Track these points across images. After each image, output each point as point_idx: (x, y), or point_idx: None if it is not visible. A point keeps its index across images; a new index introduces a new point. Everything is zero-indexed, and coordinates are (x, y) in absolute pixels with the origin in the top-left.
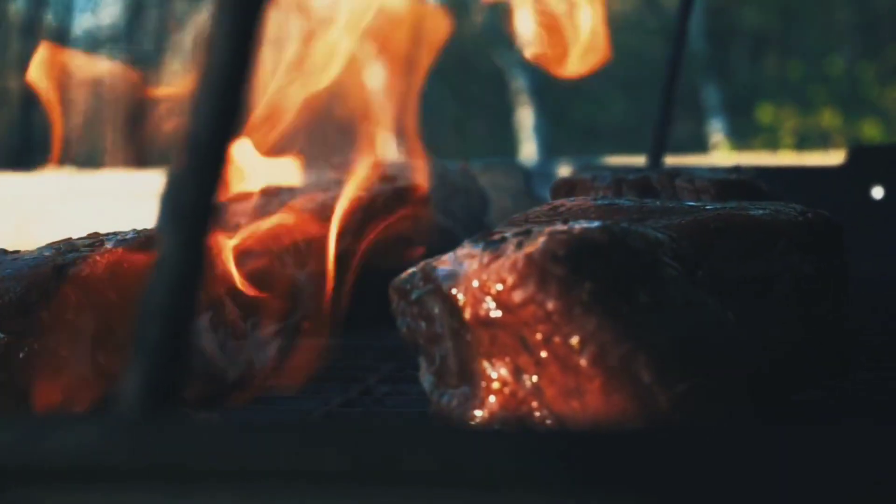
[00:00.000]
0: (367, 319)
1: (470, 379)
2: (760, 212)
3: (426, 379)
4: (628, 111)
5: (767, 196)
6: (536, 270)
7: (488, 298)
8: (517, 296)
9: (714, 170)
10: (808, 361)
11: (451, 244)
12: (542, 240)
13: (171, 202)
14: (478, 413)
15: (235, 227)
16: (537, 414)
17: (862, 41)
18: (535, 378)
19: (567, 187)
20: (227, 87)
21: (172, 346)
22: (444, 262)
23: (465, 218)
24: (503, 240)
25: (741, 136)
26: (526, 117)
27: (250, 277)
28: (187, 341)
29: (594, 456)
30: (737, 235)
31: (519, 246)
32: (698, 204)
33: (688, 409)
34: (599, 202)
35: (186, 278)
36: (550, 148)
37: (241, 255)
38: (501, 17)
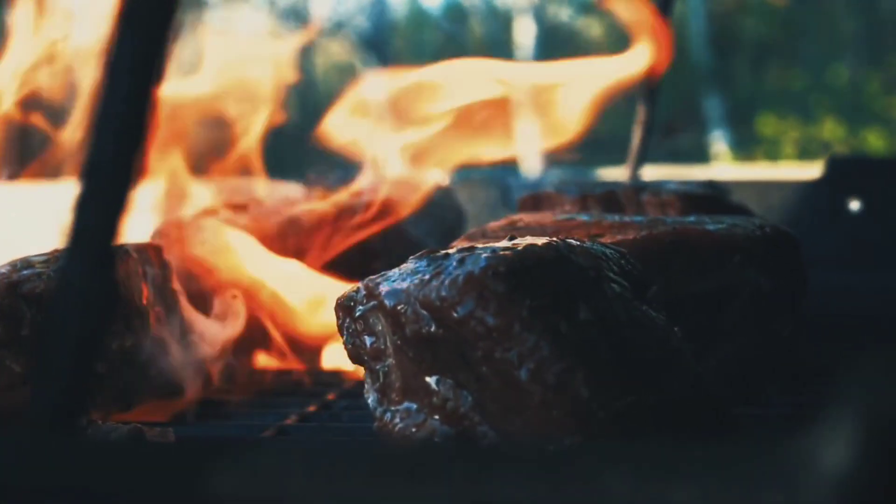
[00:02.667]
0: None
1: (412, 395)
2: (717, 226)
3: (370, 395)
4: (630, 121)
5: (733, 209)
6: (476, 287)
7: (429, 315)
8: (457, 312)
9: (685, 183)
10: (762, 377)
11: None
12: (483, 257)
13: (75, 223)
14: (420, 429)
15: (203, 243)
16: (479, 430)
17: (866, 50)
18: (476, 394)
19: (533, 201)
20: (130, 108)
21: (77, 365)
22: (388, 279)
23: (439, 232)
24: (446, 256)
25: (743, 147)
26: (526, 127)
27: (212, 292)
28: (93, 360)
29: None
30: (693, 250)
31: (461, 263)
32: (657, 218)
33: (627, 424)
34: (558, 217)
35: (90, 298)
36: (551, 159)
37: (205, 270)
38: (502, 27)
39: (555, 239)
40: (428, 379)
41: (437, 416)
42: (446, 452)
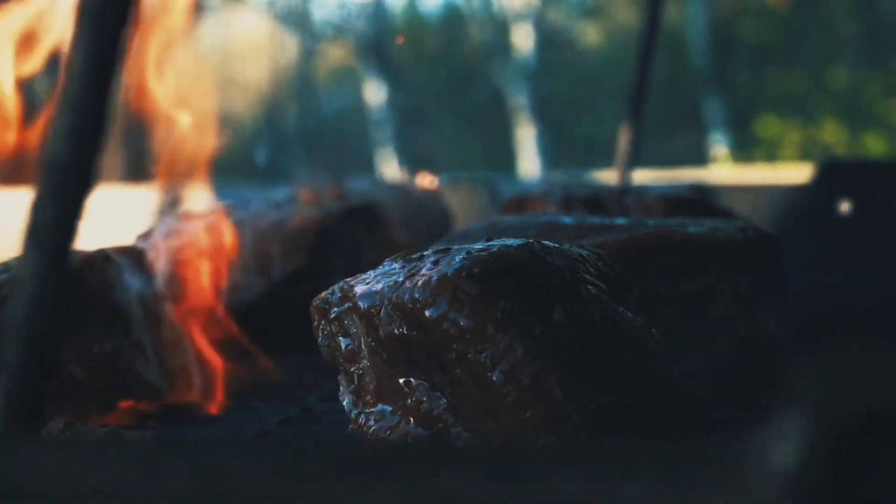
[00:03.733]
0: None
1: (387, 397)
2: (698, 229)
3: (346, 397)
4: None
5: (719, 213)
6: (449, 289)
7: (402, 317)
8: (430, 314)
9: (672, 187)
10: (743, 378)
11: None
12: (458, 258)
13: (31, 223)
14: (394, 431)
15: (184, 245)
16: (453, 431)
17: (866, 53)
18: (450, 396)
19: (517, 204)
20: (87, 107)
21: (32, 366)
22: (363, 281)
23: (427, 235)
24: (421, 258)
25: (743, 149)
26: (525, 132)
27: (192, 295)
28: (49, 361)
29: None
30: (673, 252)
31: (435, 264)
32: (638, 221)
33: (602, 426)
34: (540, 219)
35: (46, 299)
36: (550, 162)
37: (184, 272)
38: (499, 34)
39: (530, 240)
40: (402, 381)
41: (411, 418)
42: (397, 453)
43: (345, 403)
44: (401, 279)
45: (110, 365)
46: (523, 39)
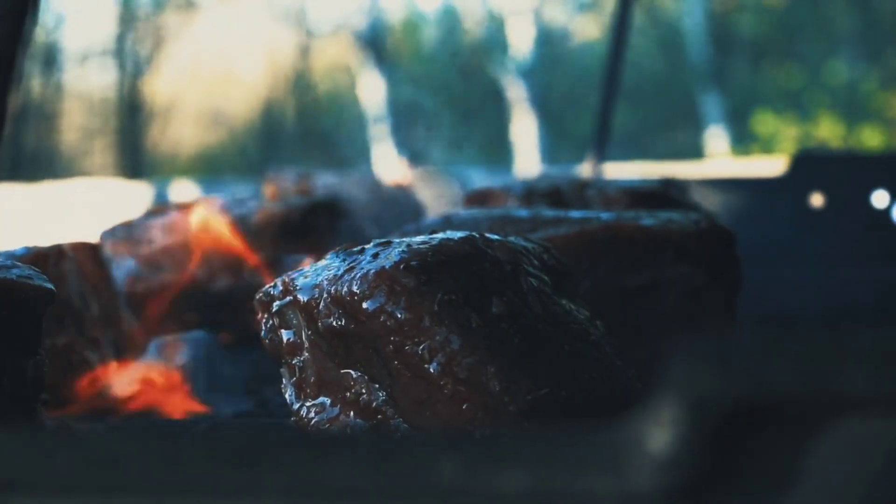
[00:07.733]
0: None
1: (327, 390)
2: (651, 221)
3: (288, 390)
4: (626, 119)
5: (683, 206)
6: (387, 281)
7: (340, 310)
8: (368, 307)
9: (638, 181)
10: None
11: None
12: (397, 251)
13: None
14: (334, 423)
15: (149, 242)
16: (392, 423)
17: (863, 48)
18: (388, 388)
19: (480, 197)
20: None
21: None
22: (304, 274)
23: (396, 229)
24: (362, 251)
25: (740, 144)
26: (523, 126)
27: (155, 291)
28: None
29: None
30: (626, 245)
31: (374, 258)
32: (593, 214)
33: (539, 417)
34: (494, 213)
35: None
36: (549, 157)
37: (147, 269)
38: (498, 28)
39: (473, 233)
40: (342, 373)
41: (350, 411)
42: (281, 439)
43: (287, 396)
44: (340, 272)
45: (63, 359)
46: (521, 34)
